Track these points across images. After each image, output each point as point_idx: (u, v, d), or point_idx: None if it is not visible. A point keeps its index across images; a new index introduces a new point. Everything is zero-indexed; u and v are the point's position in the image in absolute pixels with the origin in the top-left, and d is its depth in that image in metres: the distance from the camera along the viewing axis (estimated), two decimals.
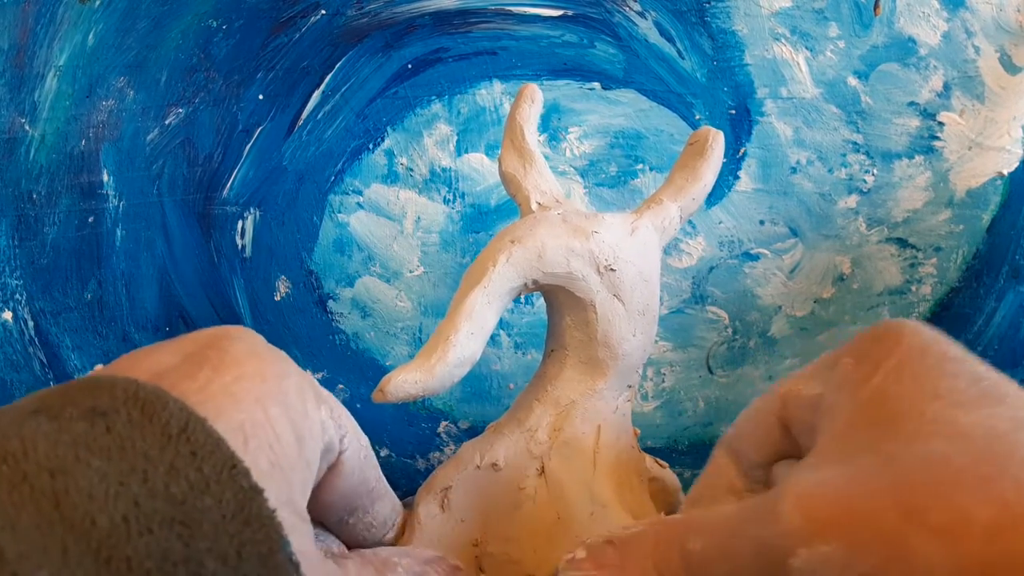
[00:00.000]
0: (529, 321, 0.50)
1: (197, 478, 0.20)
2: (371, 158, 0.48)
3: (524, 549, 0.35)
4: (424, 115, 0.48)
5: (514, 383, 0.50)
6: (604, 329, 0.34)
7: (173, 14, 0.45)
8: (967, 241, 0.51)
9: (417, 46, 0.47)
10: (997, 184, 0.51)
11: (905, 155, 0.50)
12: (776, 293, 0.51)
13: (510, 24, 0.47)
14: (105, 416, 0.20)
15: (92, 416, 0.20)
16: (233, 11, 0.45)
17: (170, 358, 0.23)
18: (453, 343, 0.31)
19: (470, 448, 0.36)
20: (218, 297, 0.48)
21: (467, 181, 0.49)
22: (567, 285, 0.34)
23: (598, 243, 0.33)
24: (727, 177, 0.50)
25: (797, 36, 0.48)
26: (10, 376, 0.49)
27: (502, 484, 0.36)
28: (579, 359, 0.35)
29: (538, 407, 0.36)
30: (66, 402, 0.20)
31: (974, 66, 0.49)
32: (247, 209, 0.48)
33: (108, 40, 0.45)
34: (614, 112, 0.48)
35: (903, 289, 0.52)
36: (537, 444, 0.35)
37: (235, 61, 0.46)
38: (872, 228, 0.51)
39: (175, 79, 0.46)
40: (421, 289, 0.49)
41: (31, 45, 0.45)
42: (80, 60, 0.45)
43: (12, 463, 0.18)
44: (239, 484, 0.20)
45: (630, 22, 0.48)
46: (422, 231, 0.49)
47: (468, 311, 0.32)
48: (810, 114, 0.49)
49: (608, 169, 0.49)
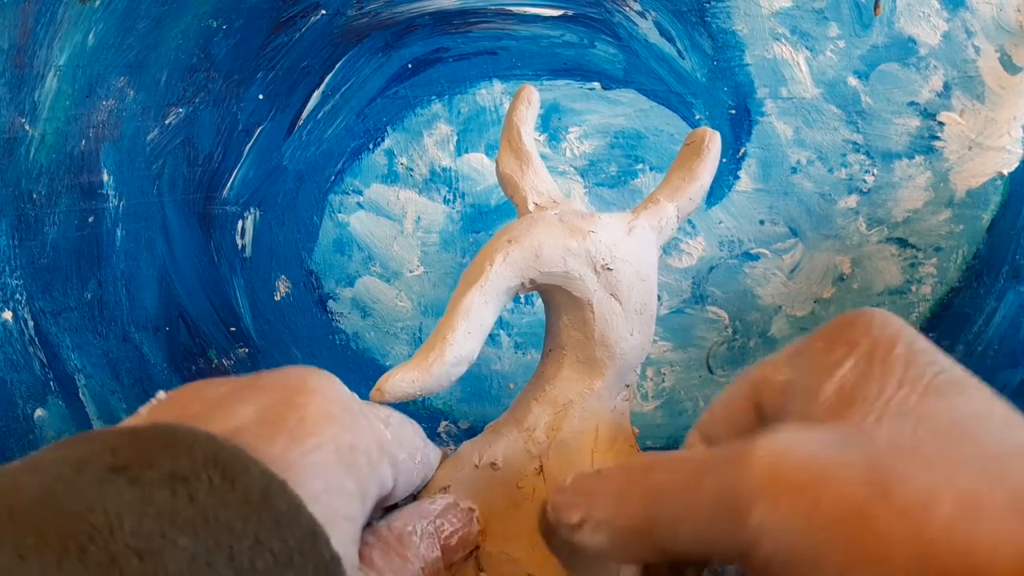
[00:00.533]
0: (529, 321, 0.50)
1: (281, 550, 0.20)
2: (371, 158, 0.48)
3: (523, 548, 0.35)
4: (424, 115, 0.48)
5: (514, 383, 0.50)
6: (601, 328, 0.34)
7: (173, 14, 0.45)
8: (967, 241, 0.51)
9: (417, 46, 0.47)
10: (997, 184, 0.51)
11: (905, 155, 0.50)
12: (776, 293, 0.51)
13: (510, 24, 0.47)
14: (187, 483, 0.20)
15: (173, 483, 0.19)
16: (233, 11, 0.46)
17: (245, 410, 0.23)
18: (450, 342, 0.31)
19: (469, 448, 0.37)
20: (218, 297, 0.48)
21: (467, 181, 0.49)
22: (564, 284, 0.34)
23: (595, 243, 0.34)
24: (727, 177, 0.50)
25: (797, 36, 0.48)
26: (10, 376, 0.49)
27: (500, 483, 0.36)
28: (577, 358, 0.35)
29: (536, 407, 0.36)
30: (144, 462, 0.20)
31: (974, 66, 0.49)
32: (247, 209, 0.48)
33: (108, 40, 0.45)
34: (614, 112, 0.48)
35: (903, 289, 0.52)
36: (535, 443, 0.36)
37: (235, 61, 0.46)
38: (872, 228, 0.51)
39: (175, 79, 0.46)
40: (421, 289, 0.49)
41: (31, 45, 0.45)
42: (80, 60, 0.45)
43: (100, 543, 0.18)
44: (321, 554, 0.20)
45: (630, 22, 0.48)
46: (422, 231, 0.49)
47: (465, 310, 0.32)
48: (810, 114, 0.49)
49: (608, 169, 0.49)
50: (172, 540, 0.18)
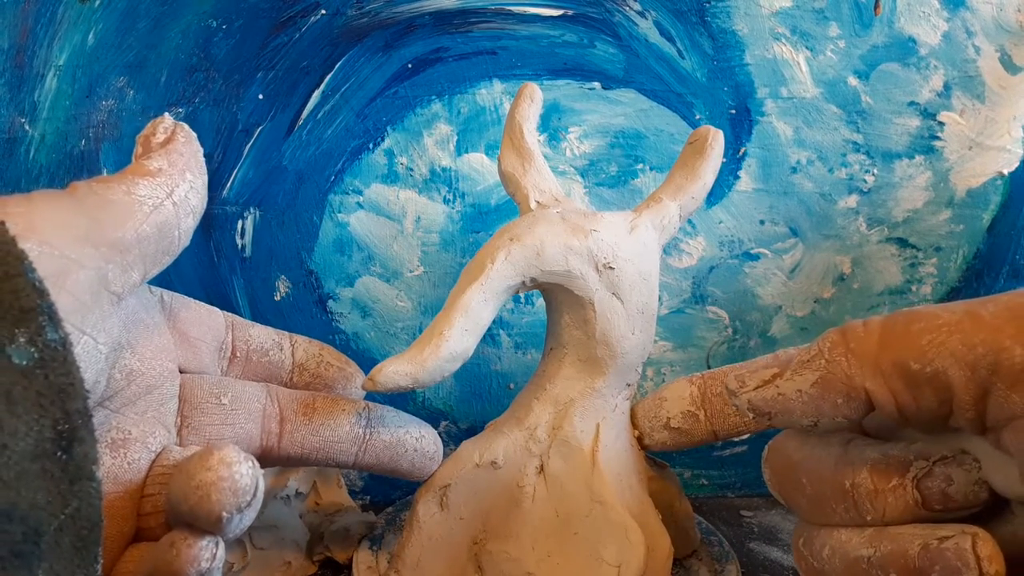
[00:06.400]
0: (529, 321, 0.50)
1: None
2: (371, 158, 0.48)
3: (523, 547, 0.35)
4: (424, 115, 0.48)
5: (514, 383, 0.50)
6: (603, 327, 0.34)
7: (173, 14, 0.45)
8: (967, 241, 0.51)
9: (417, 46, 0.47)
10: (997, 184, 0.51)
11: (905, 155, 0.50)
12: (776, 293, 0.51)
13: (510, 24, 0.47)
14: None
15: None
16: (233, 11, 0.46)
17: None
18: (446, 338, 0.31)
19: (469, 446, 0.37)
20: (218, 297, 0.48)
21: (467, 181, 0.49)
22: (566, 283, 0.34)
23: (597, 241, 0.33)
24: (727, 177, 0.50)
25: (797, 36, 0.48)
26: None
27: (501, 482, 0.36)
28: (578, 357, 0.35)
29: (537, 406, 0.36)
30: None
31: (974, 66, 0.49)
32: (247, 209, 0.48)
33: (108, 40, 0.45)
34: (614, 112, 0.48)
35: (903, 289, 0.52)
36: (536, 442, 0.35)
37: (235, 61, 0.46)
38: (872, 228, 0.51)
39: (175, 79, 0.46)
40: (421, 289, 0.49)
41: (31, 45, 0.45)
42: (80, 60, 0.45)
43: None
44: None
45: (630, 22, 0.48)
46: (422, 231, 0.49)
47: (464, 307, 0.32)
48: (810, 114, 0.49)
49: (608, 169, 0.49)
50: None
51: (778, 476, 0.30)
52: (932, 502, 0.26)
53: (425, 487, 0.36)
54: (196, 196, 0.29)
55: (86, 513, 0.21)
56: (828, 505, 0.28)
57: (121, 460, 0.27)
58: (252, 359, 0.34)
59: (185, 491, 0.25)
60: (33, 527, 0.20)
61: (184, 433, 0.31)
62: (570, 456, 0.35)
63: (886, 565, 0.26)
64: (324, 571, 0.42)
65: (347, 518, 0.42)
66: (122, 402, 0.28)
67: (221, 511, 0.24)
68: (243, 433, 0.32)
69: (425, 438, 0.35)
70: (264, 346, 0.35)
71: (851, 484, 0.27)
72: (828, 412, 0.26)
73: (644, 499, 0.36)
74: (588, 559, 0.34)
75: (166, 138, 0.30)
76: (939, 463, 0.26)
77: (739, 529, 0.49)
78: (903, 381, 0.25)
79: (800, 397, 0.27)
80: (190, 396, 0.31)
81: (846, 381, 0.26)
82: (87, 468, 0.22)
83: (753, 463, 0.53)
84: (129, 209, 0.26)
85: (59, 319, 0.22)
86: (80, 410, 0.22)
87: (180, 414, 0.31)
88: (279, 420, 0.32)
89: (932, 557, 0.25)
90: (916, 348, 0.25)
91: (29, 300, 0.21)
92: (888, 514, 0.27)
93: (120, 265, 0.26)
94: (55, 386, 0.21)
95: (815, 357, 0.27)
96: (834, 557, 0.27)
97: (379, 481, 0.51)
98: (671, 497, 0.41)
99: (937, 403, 0.25)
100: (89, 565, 0.22)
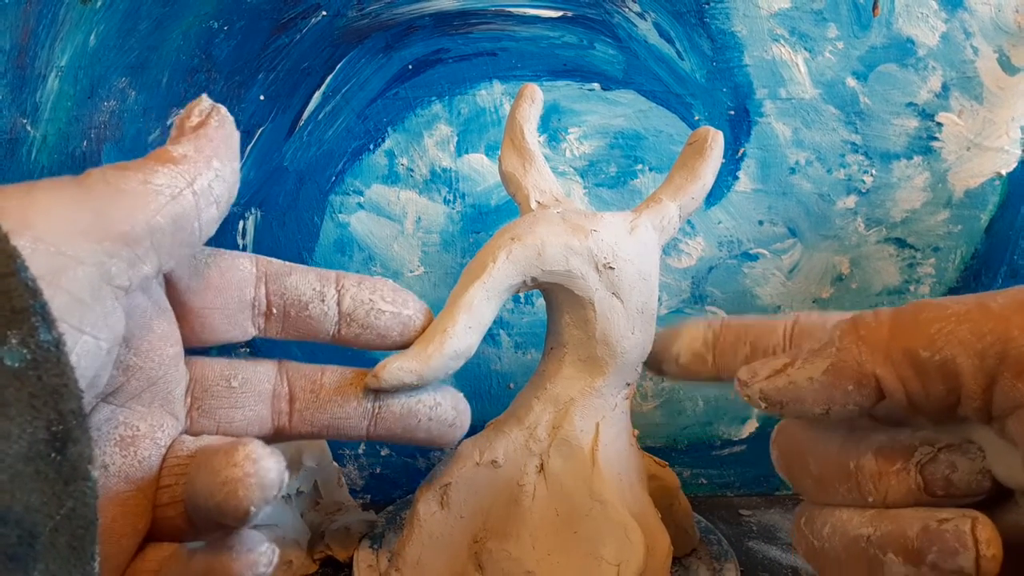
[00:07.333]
0: (529, 321, 0.50)
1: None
2: (372, 158, 0.48)
3: (523, 546, 0.35)
4: (424, 116, 0.48)
5: (514, 383, 0.51)
6: (603, 327, 0.34)
7: (174, 15, 0.45)
8: (965, 241, 0.52)
9: (418, 47, 0.47)
10: (995, 184, 0.51)
11: (904, 155, 0.50)
12: (775, 293, 0.51)
13: (510, 25, 0.47)
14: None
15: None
16: (234, 12, 0.46)
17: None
18: (450, 335, 0.31)
19: (470, 445, 0.37)
20: None
21: (467, 181, 0.49)
22: (566, 283, 0.34)
23: (597, 241, 0.34)
24: (726, 177, 0.50)
25: (796, 37, 0.48)
26: None
27: (501, 481, 0.36)
28: (578, 357, 0.35)
29: (537, 405, 0.36)
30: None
31: (972, 67, 0.50)
32: (248, 209, 0.48)
33: (110, 41, 0.45)
34: (614, 113, 0.49)
35: (901, 289, 0.52)
36: (536, 441, 0.36)
37: (236, 62, 0.46)
38: (871, 228, 0.51)
39: (176, 80, 0.46)
40: (421, 289, 0.49)
41: (33, 46, 0.45)
42: (82, 61, 0.45)
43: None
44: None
45: (630, 23, 0.48)
46: (422, 231, 0.49)
47: (467, 305, 0.32)
48: (809, 115, 0.49)
49: (608, 169, 0.49)
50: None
51: (785, 457, 0.30)
52: (934, 488, 0.26)
53: (425, 486, 0.37)
54: (222, 184, 0.28)
55: (81, 512, 0.21)
56: (832, 485, 0.28)
57: (132, 458, 0.27)
58: (291, 314, 0.32)
59: (211, 487, 0.24)
60: (28, 529, 0.20)
61: (194, 416, 0.30)
62: (570, 455, 0.35)
63: (885, 544, 0.26)
64: (325, 570, 0.42)
65: (348, 517, 0.42)
66: (126, 396, 0.28)
67: (249, 506, 0.24)
68: (253, 415, 0.31)
69: (441, 405, 0.33)
70: (303, 298, 0.32)
71: (855, 465, 0.27)
72: (839, 399, 0.27)
73: (644, 498, 0.37)
74: (588, 558, 0.34)
75: (199, 122, 0.28)
76: (944, 450, 0.27)
77: (738, 528, 0.49)
78: (913, 369, 0.25)
79: (811, 385, 0.27)
80: (200, 378, 0.30)
81: (857, 368, 0.26)
82: (82, 468, 0.22)
83: (752, 462, 0.53)
84: (142, 199, 0.25)
85: (53, 319, 0.21)
86: (74, 410, 0.21)
87: (191, 394, 0.30)
88: (289, 399, 0.32)
89: (931, 538, 0.25)
90: (926, 336, 0.25)
91: (21, 300, 0.21)
92: (890, 497, 0.27)
93: (127, 259, 0.25)
94: (48, 387, 0.21)
95: (826, 345, 0.27)
96: (834, 535, 0.28)
97: (380, 480, 0.51)
98: (670, 496, 0.41)
99: (945, 391, 0.25)
100: (86, 564, 0.21)
